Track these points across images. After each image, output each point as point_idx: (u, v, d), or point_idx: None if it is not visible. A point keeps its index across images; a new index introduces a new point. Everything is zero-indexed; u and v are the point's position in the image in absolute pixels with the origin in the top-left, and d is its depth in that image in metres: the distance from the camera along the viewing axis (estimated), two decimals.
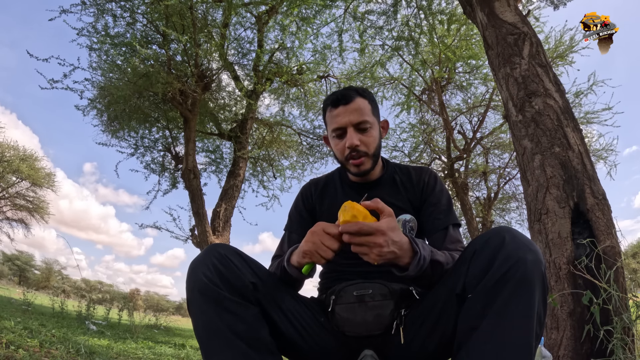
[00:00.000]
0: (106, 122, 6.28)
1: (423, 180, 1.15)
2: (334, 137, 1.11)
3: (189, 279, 0.83)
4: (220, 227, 5.74)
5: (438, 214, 1.09)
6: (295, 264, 0.92)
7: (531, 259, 0.72)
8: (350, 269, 1.08)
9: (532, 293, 0.71)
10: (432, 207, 1.11)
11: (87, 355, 2.55)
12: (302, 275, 0.92)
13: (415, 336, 0.88)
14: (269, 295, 0.89)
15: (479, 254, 0.77)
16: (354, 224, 0.76)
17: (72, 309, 6.63)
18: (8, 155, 13.37)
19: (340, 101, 1.07)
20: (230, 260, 0.84)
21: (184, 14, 4.65)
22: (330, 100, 1.10)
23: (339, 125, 1.07)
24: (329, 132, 1.13)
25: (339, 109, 1.07)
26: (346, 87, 1.12)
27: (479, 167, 7.78)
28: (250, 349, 0.79)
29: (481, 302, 0.73)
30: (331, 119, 1.10)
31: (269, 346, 0.83)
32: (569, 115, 2.29)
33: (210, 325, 0.80)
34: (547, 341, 1.89)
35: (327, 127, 1.15)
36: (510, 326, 0.70)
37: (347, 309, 0.95)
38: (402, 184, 1.16)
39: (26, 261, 38.72)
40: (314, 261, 0.87)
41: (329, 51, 5.91)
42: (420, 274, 0.83)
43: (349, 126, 1.06)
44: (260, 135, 7.69)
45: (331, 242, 0.83)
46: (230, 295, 0.81)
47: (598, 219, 1.95)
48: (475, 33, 5.76)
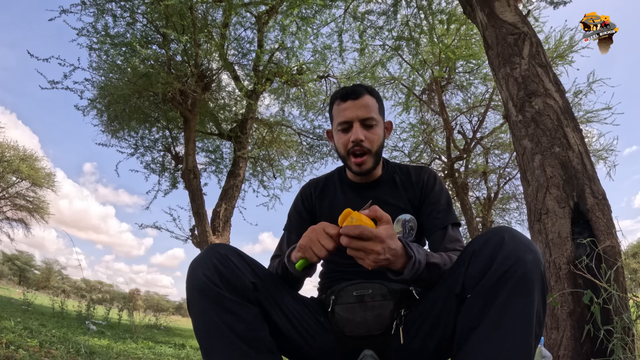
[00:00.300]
0: (106, 122, 6.28)
1: (422, 180, 1.15)
2: (339, 130, 1.11)
3: (189, 278, 0.83)
4: (220, 227, 5.74)
5: (437, 214, 1.09)
6: (292, 260, 0.93)
7: (531, 259, 0.72)
8: (350, 268, 1.08)
9: (531, 293, 0.71)
10: (431, 206, 1.11)
11: (87, 355, 2.54)
12: (298, 271, 0.91)
13: (415, 336, 0.88)
14: (269, 295, 0.89)
15: (478, 254, 0.77)
16: (356, 227, 0.76)
17: (72, 309, 6.62)
18: (8, 155, 13.38)
19: (350, 95, 1.09)
20: (230, 260, 0.84)
21: (184, 14, 4.65)
22: (339, 94, 1.11)
23: (345, 119, 1.08)
24: (334, 126, 1.14)
25: (347, 103, 1.09)
26: (356, 84, 1.13)
27: (479, 167, 7.78)
28: (250, 349, 0.79)
29: (480, 302, 0.73)
30: (338, 112, 1.11)
31: (269, 346, 0.83)
32: (569, 115, 2.29)
33: (210, 325, 0.80)
34: (547, 341, 1.89)
35: (332, 120, 1.16)
36: (510, 326, 0.70)
37: (347, 309, 0.95)
38: (402, 184, 1.17)
39: (26, 261, 38.72)
40: (307, 257, 0.87)
41: (329, 51, 5.91)
42: (416, 277, 0.84)
43: (355, 121, 1.07)
44: (260, 135, 7.69)
45: (327, 242, 0.83)
46: (230, 295, 0.81)
47: (598, 219, 1.95)
48: (475, 33, 5.77)
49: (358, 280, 1.01)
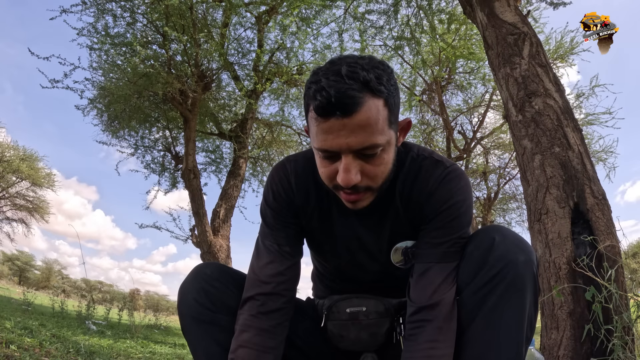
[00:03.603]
0: (106, 122, 6.28)
1: (428, 192, 0.80)
2: (319, 155, 0.71)
3: (181, 305, 0.82)
4: (220, 227, 5.73)
5: (436, 240, 0.79)
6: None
7: (522, 260, 0.69)
8: (340, 285, 0.98)
9: (523, 296, 0.69)
10: (432, 229, 0.80)
11: (87, 355, 2.54)
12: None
13: None
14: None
15: (470, 256, 0.74)
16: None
17: (72, 309, 6.62)
18: (8, 155, 13.38)
19: (335, 110, 0.62)
20: (218, 281, 0.82)
21: (184, 14, 4.65)
22: (317, 102, 0.64)
23: (328, 148, 0.67)
24: (312, 142, 0.72)
25: (331, 122, 0.64)
26: (348, 73, 0.63)
27: (479, 167, 7.78)
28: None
29: (471, 304, 0.72)
30: (317, 131, 0.67)
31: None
32: (569, 115, 2.30)
33: (209, 350, 0.79)
34: (546, 341, 1.89)
35: (309, 129, 0.73)
36: (500, 330, 0.69)
37: (340, 326, 0.90)
38: (405, 198, 0.83)
39: (26, 261, 38.71)
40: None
41: (329, 51, 5.91)
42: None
43: (346, 153, 0.66)
44: (260, 135, 7.70)
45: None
46: (224, 316, 0.80)
47: (598, 219, 1.95)
48: (475, 33, 5.76)
49: (352, 294, 0.93)
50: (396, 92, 0.70)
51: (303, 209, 0.85)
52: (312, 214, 0.86)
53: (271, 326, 0.79)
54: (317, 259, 1.01)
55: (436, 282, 0.73)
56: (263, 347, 0.77)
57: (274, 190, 0.85)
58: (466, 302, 0.72)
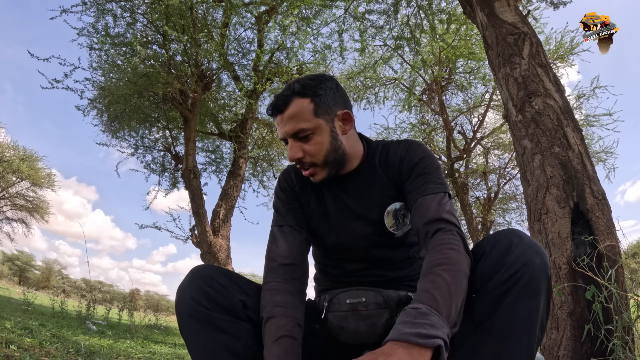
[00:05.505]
0: (106, 122, 6.28)
1: (400, 156, 0.99)
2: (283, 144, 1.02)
3: (178, 304, 0.84)
4: (220, 227, 5.74)
5: (422, 182, 0.93)
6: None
7: (538, 263, 0.72)
8: (343, 278, 1.04)
9: (537, 297, 0.71)
10: (413, 178, 0.95)
11: (87, 355, 2.54)
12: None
13: None
14: (259, 310, 0.88)
15: (487, 257, 0.76)
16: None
17: (72, 309, 6.63)
18: (8, 155, 13.38)
19: (274, 110, 0.95)
20: (216, 281, 0.84)
21: (184, 14, 4.65)
22: (269, 106, 0.97)
23: (281, 137, 0.97)
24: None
25: (277, 119, 0.95)
26: (287, 85, 0.96)
27: (479, 167, 7.78)
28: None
29: (487, 302, 0.73)
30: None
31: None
32: (569, 115, 2.30)
33: (205, 348, 0.81)
34: (547, 341, 1.89)
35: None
36: (513, 330, 0.70)
37: (340, 317, 0.93)
38: (383, 166, 1.01)
39: (26, 261, 38.70)
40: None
41: (329, 51, 5.91)
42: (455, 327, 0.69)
43: (287, 138, 0.94)
44: (260, 135, 7.69)
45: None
46: (221, 315, 0.81)
47: (598, 219, 1.95)
48: (475, 33, 5.77)
49: (352, 286, 0.98)
50: (326, 93, 0.94)
51: (302, 195, 1.07)
52: (310, 197, 1.06)
53: (296, 291, 0.92)
54: (317, 247, 1.09)
55: (432, 205, 0.86)
56: (294, 305, 0.88)
57: (281, 185, 1.08)
58: (482, 300, 0.74)
